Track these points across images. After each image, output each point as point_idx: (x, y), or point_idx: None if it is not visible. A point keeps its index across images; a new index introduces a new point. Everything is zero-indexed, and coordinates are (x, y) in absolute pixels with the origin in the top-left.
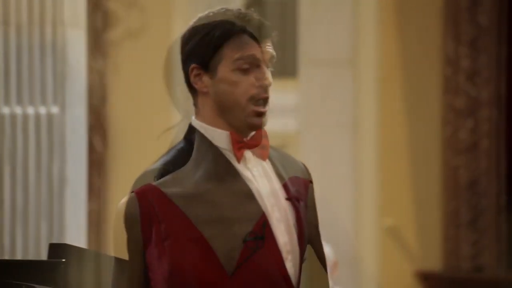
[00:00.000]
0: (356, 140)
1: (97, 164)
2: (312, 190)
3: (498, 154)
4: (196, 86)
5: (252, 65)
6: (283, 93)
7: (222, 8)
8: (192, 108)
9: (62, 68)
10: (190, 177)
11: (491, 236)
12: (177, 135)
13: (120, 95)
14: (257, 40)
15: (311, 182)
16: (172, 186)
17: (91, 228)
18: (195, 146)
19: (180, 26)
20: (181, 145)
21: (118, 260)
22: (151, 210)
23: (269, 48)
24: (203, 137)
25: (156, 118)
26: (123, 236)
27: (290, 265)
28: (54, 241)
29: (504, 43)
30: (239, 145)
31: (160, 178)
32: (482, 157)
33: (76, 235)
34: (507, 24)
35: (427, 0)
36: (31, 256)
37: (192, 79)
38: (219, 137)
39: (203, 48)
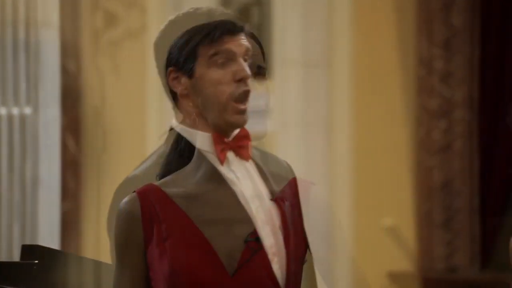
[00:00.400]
0: (330, 141)
1: (71, 164)
2: (297, 186)
3: (471, 155)
4: (175, 90)
5: (228, 60)
6: (257, 94)
7: (191, 8)
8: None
9: (35, 68)
10: (191, 178)
11: (465, 237)
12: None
13: (120, 95)
14: (231, 34)
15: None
16: (173, 186)
17: (64, 229)
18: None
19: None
20: (162, 149)
21: (119, 261)
22: (152, 210)
23: (243, 41)
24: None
25: (149, 119)
26: (125, 236)
27: (277, 267)
28: (27, 242)
29: (477, 44)
30: (222, 147)
31: (161, 178)
32: (456, 158)
33: (49, 236)
34: (480, 25)
35: (401, 1)
36: (3, 258)
37: (170, 82)
38: (201, 139)
39: (178, 50)
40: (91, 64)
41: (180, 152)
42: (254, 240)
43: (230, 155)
